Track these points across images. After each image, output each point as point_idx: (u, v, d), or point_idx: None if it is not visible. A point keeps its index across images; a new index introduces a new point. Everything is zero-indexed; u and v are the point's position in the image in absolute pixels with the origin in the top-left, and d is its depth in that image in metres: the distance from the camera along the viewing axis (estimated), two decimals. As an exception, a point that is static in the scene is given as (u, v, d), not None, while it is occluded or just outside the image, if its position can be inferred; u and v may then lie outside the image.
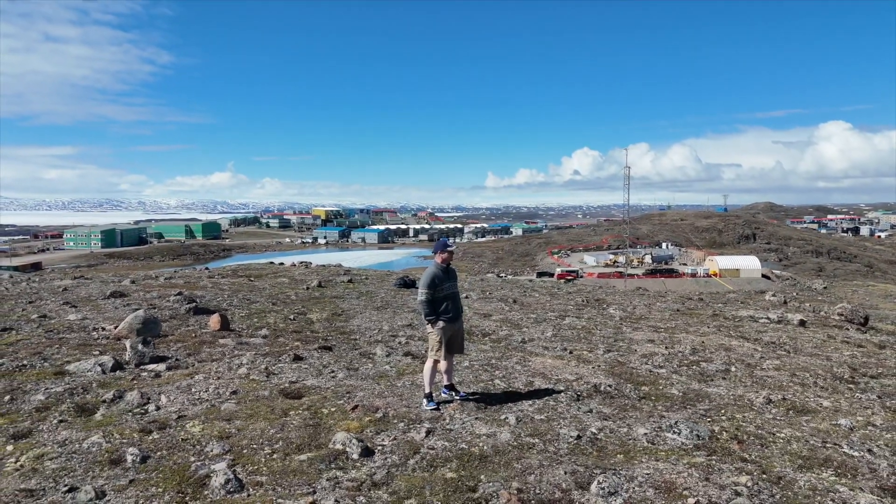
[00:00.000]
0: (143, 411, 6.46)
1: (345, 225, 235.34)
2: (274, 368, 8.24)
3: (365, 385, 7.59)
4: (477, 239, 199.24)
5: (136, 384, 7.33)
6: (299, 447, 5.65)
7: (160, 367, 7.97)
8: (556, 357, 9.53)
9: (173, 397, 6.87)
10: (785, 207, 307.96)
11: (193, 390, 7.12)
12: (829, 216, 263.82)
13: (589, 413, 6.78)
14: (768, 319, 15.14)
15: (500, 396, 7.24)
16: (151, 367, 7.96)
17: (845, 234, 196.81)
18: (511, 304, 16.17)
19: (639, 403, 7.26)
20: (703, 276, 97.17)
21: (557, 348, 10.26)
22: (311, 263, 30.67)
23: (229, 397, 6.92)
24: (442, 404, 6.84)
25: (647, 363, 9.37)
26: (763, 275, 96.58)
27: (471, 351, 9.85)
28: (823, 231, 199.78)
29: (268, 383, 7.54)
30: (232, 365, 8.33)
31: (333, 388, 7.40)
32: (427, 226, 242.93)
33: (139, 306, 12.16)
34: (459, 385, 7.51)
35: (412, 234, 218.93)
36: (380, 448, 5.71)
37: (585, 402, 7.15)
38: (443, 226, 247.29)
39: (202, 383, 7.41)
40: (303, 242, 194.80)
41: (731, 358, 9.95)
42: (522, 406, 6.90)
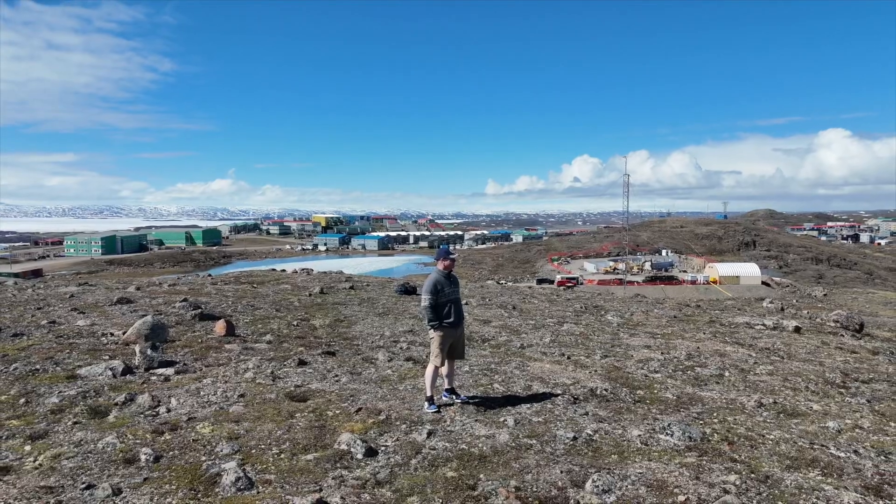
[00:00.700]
0: (155, 413, 6.69)
1: (345, 232, 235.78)
2: (279, 373, 8.47)
3: (368, 389, 7.82)
4: (477, 246, 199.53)
5: (147, 387, 7.56)
6: (306, 447, 5.88)
7: (169, 371, 8.20)
8: (554, 362, 9.76)
9: (183, 400, 7.10)
10: (785, 214, 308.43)
11: (202, 393, 7.36)
12: (829, 223, 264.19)
13: (585, 416, 7.00)
14: (764, 326, 15.35)
15: (500, 400, 7.47)
16: (161, 371, 8.19)
17: (845, 242, 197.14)
18: (510, 311, 16.41)
19: (634, 406, 7.48)
20: (703, 284, 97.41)
21: (555, 353, 10.49)
22: (313, 270, 30.92)
23: (237, 400, 7.15)
24: (443, 407, 7.07)
25: (643, 368, 9.59)
26: (763, 282, 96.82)
27: (470, 356, 10.07)
28: (823, 238, 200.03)
29: (274, 387, 7.77)
30: (238, 369, 8.56)
31: (338, 392, 7.63)
32: (427, 233, 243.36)
33: (146, 312, 12.41)
34: (460, 389, 7.73)
35: (412, 241, 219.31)
36: (383, 448, 5.94)
37: (582, 406, 7.38)
38: (443, 233, 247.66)
39: (210, 387, 7.64)
40: (303, 249, 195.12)
41: (726, 363, 10.17)
42: (521, 409, 7.13)
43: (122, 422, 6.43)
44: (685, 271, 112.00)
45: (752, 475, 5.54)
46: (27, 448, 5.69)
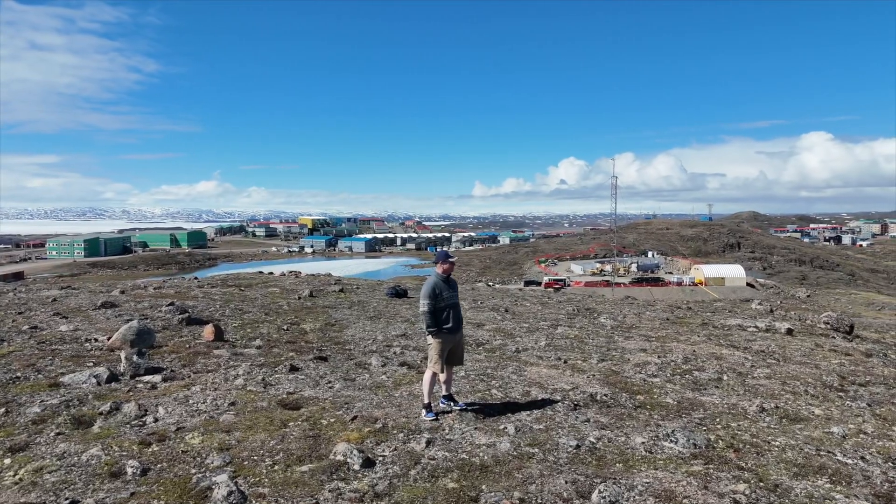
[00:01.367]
0: (141, 423, 6.43)
1: (332, 234, 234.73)
2: (271, 379, 8.23)
3: (363, 395, 7.61)
4: (464, 248, 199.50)
5: (133, 396, 7.29)
6: (300, 458, 5.65)
7: (156, 379, 7.93)
8: (551, 366, 9.60)
9: (171, 409, 6.84)
10: (768, 216, 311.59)
11: (191, 402, 7.10)
12: (812, 225, 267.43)
13: (586, 422, 6.84)
14: (756, 328, 15.32)
15: (498, 406, 7.29)
16: (147, 379, 7.92)
17: (828, 243, 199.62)
18: (503, 314, 16.24)
19: (635, 412, 7.34)
20: (689, 285, 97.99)
21: (552, 357, 10.33)
22: (301, 273, 30.58)
23: (227, 409, 6.90)
24: (441, 414, 6.87)
25: (641, 372, 9.46)
26: (748, 283, 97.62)
27: (466, 361, 9.88)
28: (806, 240, 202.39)
29: (265, 394, 7.53)
30: (228, 376, 8.31)
31: (331, 399, 7.40)
32: (414, 234, 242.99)
33: (131, 317, 12.08)
34: (458, 395, 7.54)
35: (399, 243, 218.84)
36: (381, 459, 5.73)
37: (582, 412, 7.21)
38: (430, 234, 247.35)
39: (199, 395, 7.38)
40: (289, 251, 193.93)
41: (723, 367, 10.08)
42: (520, 416, 6.95)
43: (108, 432, 6.16)
44: (671, 273, 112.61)
45: (761, 484, 5.40)
46: (7, 461, 5.42)
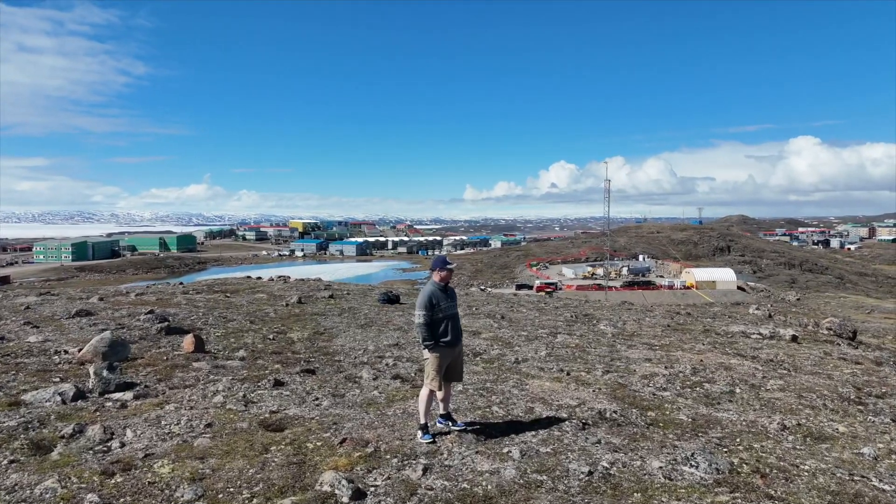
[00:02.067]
0: (106, 448, 5.80)
1: (323, 237, 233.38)
2: (253, 396, 7.60)
3: (353, 414, 7.00)
4: (456, 251, 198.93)
5: (99, 416, 6.65)
6: (282, 490, 5.05)
7: (127, 396, 7.29)
8: (554, 379, 9.02)
9: (140, 431, 6.21)
10: (758, 220, 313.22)
11: (163, 423, 6.47)
12: (801, 229, 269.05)
13: (597, 444, 6.27)
14: (760, 335, 14.83)
15: (500, 426, 6.70)
16: (117, 396, 7.27)
17: (816, 247, 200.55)
18: (499, 321, 15.65)
19: (648, 431, 6.77)
20: (680, 289, 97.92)
21: (553, 369, 9.76)
22: (290, 278, 29.86)
23: (203, 431, 6.27)
24: (438, 436, 6.28)
25: (649, 385, 8.91)
26: (738, 287, 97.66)
27: (464, 373, 9.30)
28: (795, 244, 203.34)
29: (246, 413, 6.91)
30: (207, 392, 7.67)
31: (318, 419, 6.79)
32: (406, 238, 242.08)
33: (106, 326, 11.40)
34: (456, 413, 6.95)
35: (391, 247, 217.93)
36: (372, 489, 5.13)
37: (592, 432, 6.64)
38: (421, 238, 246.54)
39: (173, 414, 6.75)
40: (280, 255, 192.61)
41: (734, 378, 9.54)
42: (525, 437, 6.37)
43: (67, 460, 5.53)
44: (662, 276, 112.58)
45: (796, 516, 4.86)
46: (-52, 497, 4.78)
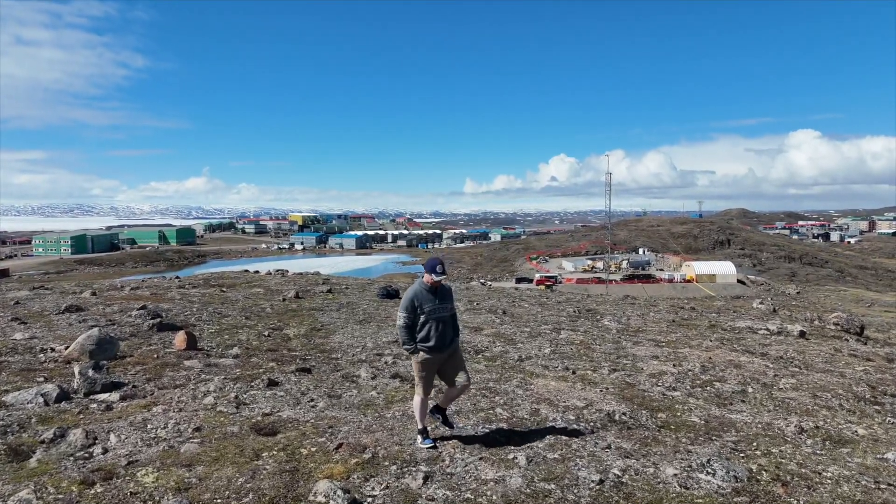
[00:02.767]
0: (87, 455, 5.47)
1: (322, 230, 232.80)
2: (245, 397, 7.26)
3: (349, 417, 6.66)
4: (456, 245, 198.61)
5: (83, 419, 6.32)
6: (273, 500, 4.72)
7: (113, 397, 6.95)
8: (559, 378, 8.69)
9: (124, 436, 5.88)
10: (757, 213, 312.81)
11: (149, 427, 6.13)
12: (801, 222, 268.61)
13: (607, 449, 5.94)
14: (768, 331, 14.52)
15: (504, 429, 6.37)
16: (103, 398, 6.94)
17: (816, 240, 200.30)
18: (501, 316, 15.32)
19: (659, 435, 6.45)
20: (680, 282, 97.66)
21: (559, 367, 9.43)
22: (288, 272, 29.53)
23: (191, 435, 5.94)
24: (440, 441, 5.94)
25: (658, 384, 8.58)
26: (738, 280, 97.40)
27: (468, 373, 8.97)
28: (795, 237, 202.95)
29: (237, 416, 6.58)
30: (197, 393, 7.34)
31: (313, 422, 6.46)
32: (405, 231, 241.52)
33: (96, 322, 11.06)
34: (457, 416, 6.60)
35: (390, 240, 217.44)
36: (369, 500, 4.81)
37: (601, 436, 6.31)
38: (421, 231, 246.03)
39: (160, 417, 6.42)
40: (279, 248, 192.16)
41: (745, 377, 9.22)
42: (531, 441, 6.04)
43: (46, 468, 5.20)
44: (662, 270, 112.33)
45: (823, 529, 4.54)
46: (-86, 510, 4.46)
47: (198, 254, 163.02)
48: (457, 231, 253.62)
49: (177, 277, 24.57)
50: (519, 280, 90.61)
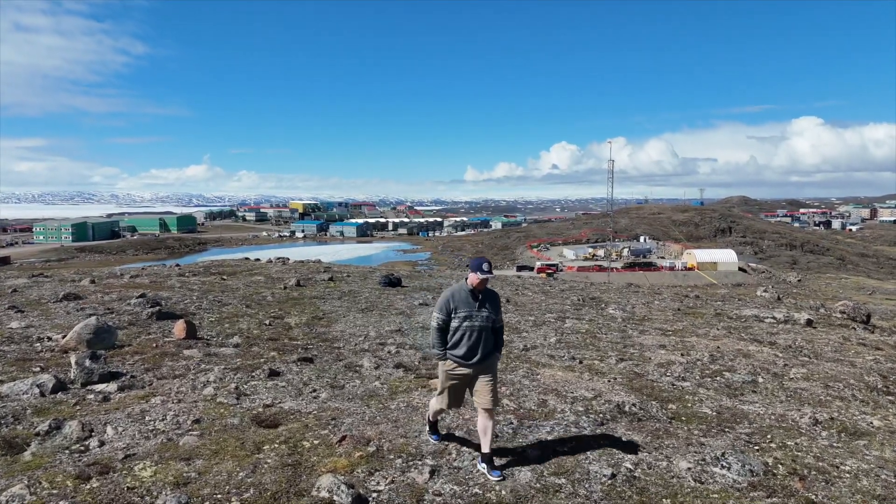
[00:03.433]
0: (84, 448, 5.31)
1: (323, 218, 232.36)
2: (246, 387, 7.10)
3: (353, 408, 6.50)
4: (456, 232, 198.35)
5: (79, 411, 6.15)
6: (275, 496, 4.57)
7: (110, 388, 6.79)
8: (566, 368, 8.52)
9: (122, 428, 5.72)
10: (759, 201, 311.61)
11: (147, 418, 5.97)
12: (802, 210, 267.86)
13: (618, 442, 5.78)
14: (774, 319, 14.35)
15: (512, 421, 6.21)
16: (100, 388, 6.78)
17: (818, 228, 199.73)
18: (504, 304, 15.15)
19: (671, 427, 6.28)
20: (682, 270, 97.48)
21: (565, 357, 9.26)
22: (289, 259, 29.34)
23: (191, 428, 5.78)
24: (447, 437, 5.77)
25: (667, 374, 8.42)
26: (740, 268, 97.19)
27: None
28: (796, 225, 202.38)
29: (238, 407, 6.41)
30: (197, 383, 7.17)
31: (316, 413, 6.30)
32: (406, 219, 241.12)
33: (94, 311, 10.89)
34: (463, 406, 6.35)
35: (391, 228, 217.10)
36: (374, 495, 4.65)
37: (611, 428, 6.15)
38: (422, 219, 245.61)
39: (159, 408, 6.26)
40: (280, 236, 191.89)
41: (755, 366, 9.05)
42: (540, 434, 5.88)
43: (40, 461, 5.04)
44: (663, 257, 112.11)
45: (844, 526, 4.38)
46: None
47: (198, 241, 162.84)
48: (458, 219, 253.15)
49: (177, 265, 24.39)
50: (520, 268, 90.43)
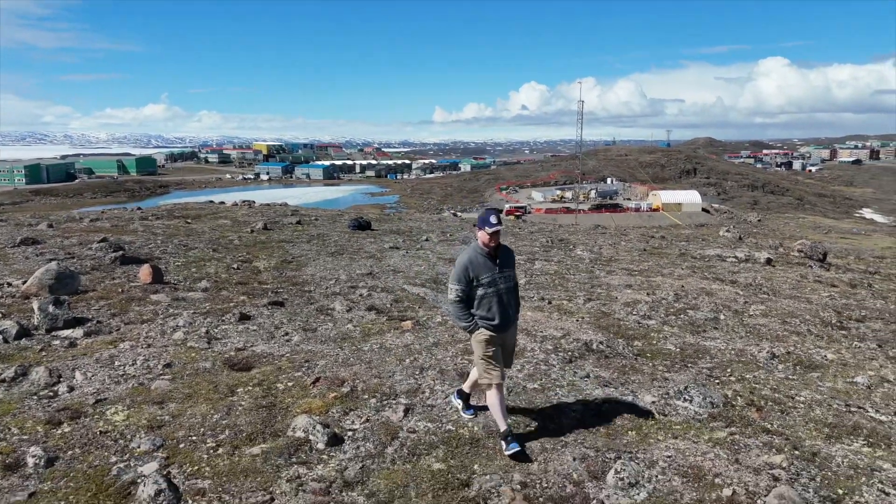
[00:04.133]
0: (52, 394, 5.26)
1: (288, 160, 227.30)
2: (216, 331, 7.06)
3: (326, 350, 6.54)
4: (425, 175, 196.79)
5: (45, 357, 6.06)
6: (251, 437, 4.62)
7: (76, 334, 6.68)
8: (536, 308, 8.67)
9: (91, 374, 5.66)
10: (724, 143, 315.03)
11: (117, 363, 5.92)
12: (765, 151, 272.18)
13: (586, 378, 5.96)
14: (736, 259, 14.76)
15: (484, 360, 6.32)
16: (66, 334, 6.66)
17: (779, 169, 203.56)
18: (474, 246, 15.26)
19: (637, 363, 6.50)
20: (647, 211, 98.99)
21: (534, 298, 9.41)
22: (255, 202, 28.80)
23: (162, 372, 5.75)
24: (420, 372, 5.87)
25: (633, 313, 8.64)
26: (703, 209, 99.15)
27: (440, 303, 8.89)
28: (759, 166, 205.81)
29: (209, 351, 6.39)
30: (166, 328, 7.10)
31: (289, 356, 6.32)
32: (374, 161, 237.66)
33: (54, 256, 10.59)
34: (435, 347, 6.49)
35: (359, 171, 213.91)
36: (350, 434, 4.74)
37: (580, 365, 6.33)
38: (390, 161, 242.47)
39: (128, 353, 6.20)
40: (244, 179, 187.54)
41: (717, 304, 9.35)
42: (510, 372, 6.01)
43: (8, 407, 4.98)
44: (629, 199, 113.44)
45: (797, 452, 4.64)
46: None
47: (159, 184, 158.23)
48: (426, 161, 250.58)
49: (138, 208, 23.75)
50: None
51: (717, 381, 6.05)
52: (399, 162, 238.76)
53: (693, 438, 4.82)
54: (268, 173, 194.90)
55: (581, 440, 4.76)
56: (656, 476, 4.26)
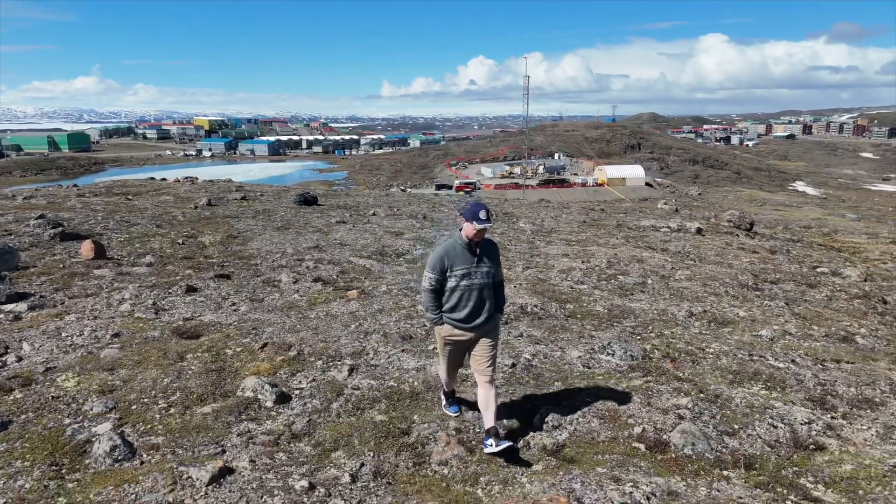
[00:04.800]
0: (1, 364, 5.35)
1: (231, 136, 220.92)
2: (163, 303, 7.19)
3: (273, 318, 6.78)
4: (374, 151, 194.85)
5: (-10, 330, 6.10)
6: (201, 398, 4.87)
7: (20, 307, 6.71)
8: (476, 276, 9.10)
9: (39, 344, 5.76)
10: (667, 118, 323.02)
11: (64, 334, 6.02)
12: (705, 126, 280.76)
13: (520, 337, 6.42)
14: (669, 228, 15.56)
15: (425, 324, 6.70)
16: (9, 308, 6.68)
17: (719, 144, 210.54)
18: (422, 221, 15.56)
19: (567, 323, 7.00)
20: (593, 186, 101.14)
21: (476, 266, 9.83)
22: (198, 179, 28.23)
23: (110, 341, 5.90)
24: (365, 336, 6.20)
25: (567, 279, 9.17)
26: (647, 183, 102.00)
27: (386, 273, 9.21)
28: (700, 141, 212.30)
29: (157, 321, 6.54)
30: (112, 301, 7.19)
31: (237, 324, 6.54)
32: (321, 137, 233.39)
33: (-9, 233, 10.37)
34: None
35: (305, 146, 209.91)
36: (297, 392, 5.05)
37: (514, 326, 6.79)
38: (338, 137, 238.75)
39: (75, 325, 6.29)
40: (186, 155, 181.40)
41: (646, 270, 9.99)
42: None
43: (-44, 378, 5.06)
44: (576, 174, 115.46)
45: (702, 395, 5.22)
46: None
47: (94, 161, 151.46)
48: (375, 136, 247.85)
49: (75, 185, 23.01)
50: (439, 187, 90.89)
51: (639, 338, 6.62)
52: (347, 137, 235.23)
53: (612, 387, 5.33)
54: (210, 149, 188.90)
55: (512, 391, 5.21)
56: (577, 419, 4.74)
